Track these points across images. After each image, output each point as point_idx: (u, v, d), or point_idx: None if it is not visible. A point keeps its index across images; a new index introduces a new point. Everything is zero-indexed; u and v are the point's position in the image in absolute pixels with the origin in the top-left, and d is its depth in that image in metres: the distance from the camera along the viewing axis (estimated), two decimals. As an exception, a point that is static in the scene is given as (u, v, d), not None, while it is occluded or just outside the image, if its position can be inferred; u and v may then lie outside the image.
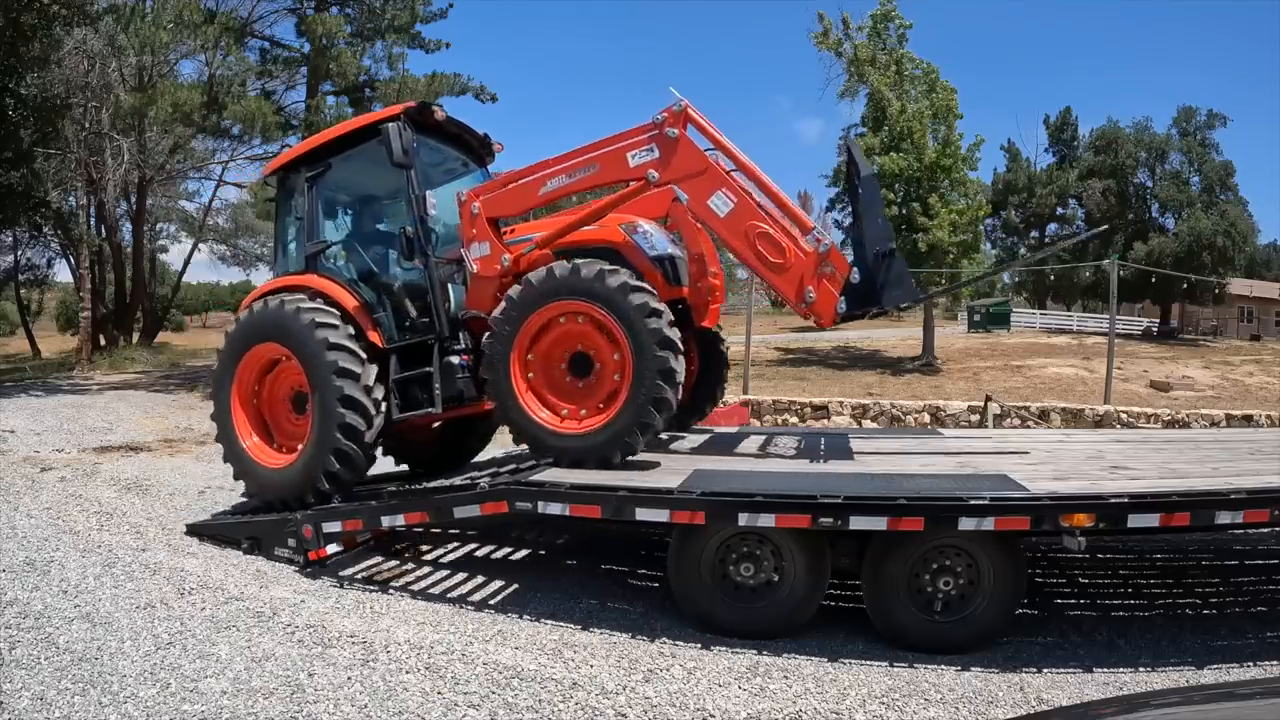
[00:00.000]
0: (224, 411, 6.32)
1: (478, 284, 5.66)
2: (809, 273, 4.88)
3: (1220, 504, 4.11)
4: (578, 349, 5.22)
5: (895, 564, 4.38)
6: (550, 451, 5.15)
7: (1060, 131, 45.62)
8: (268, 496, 6.08)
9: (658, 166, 5.08)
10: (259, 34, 18.89)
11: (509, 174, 5.72)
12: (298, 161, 6.54)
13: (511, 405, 5.20)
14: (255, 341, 6.16)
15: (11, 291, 34.07)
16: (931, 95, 22.79)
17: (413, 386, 5.95)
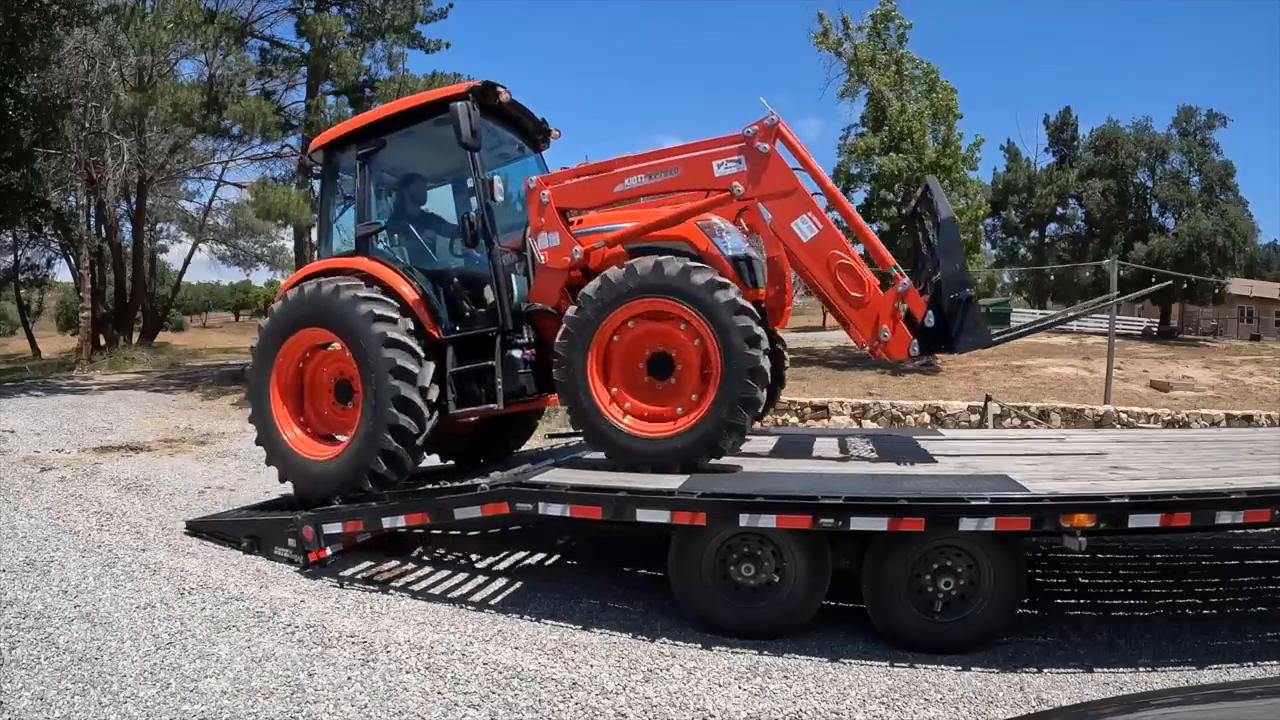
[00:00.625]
0: (262, 401, 6.06)
1: (544, 276, 5.44)
2: (885, 311, 4.87)
3: (1221, 504, 4.11)
4: (658, 349, 5.04)
5: (896, 564, 4.38)
6: (631, 455, 4.95)
7: (1060, 131, 45.63)
8: (308, 489, 5.87)
9: (744, 180, 4.95)
10: (259, 34, 18.91)
11: (582, 166, 5.56)
12: (349, 138, 6.24)
13: (588, 407, 5.00)
14: (300, 326, 5.89)
15: (11, 291, 34.07)
16: (931, 95, 22.80)
17: (470, 381, 5.73)
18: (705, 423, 4.81)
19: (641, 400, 5.08)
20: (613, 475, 5.04)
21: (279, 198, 16.67)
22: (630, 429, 4.98)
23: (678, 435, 4.87)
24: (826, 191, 5.20)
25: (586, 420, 5.04)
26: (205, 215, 32.78)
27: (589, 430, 5.06)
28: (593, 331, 4.97)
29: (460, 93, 5.65)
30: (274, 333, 6.01)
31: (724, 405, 4.74)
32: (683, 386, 5.01)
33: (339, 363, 5.95)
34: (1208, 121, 39.80)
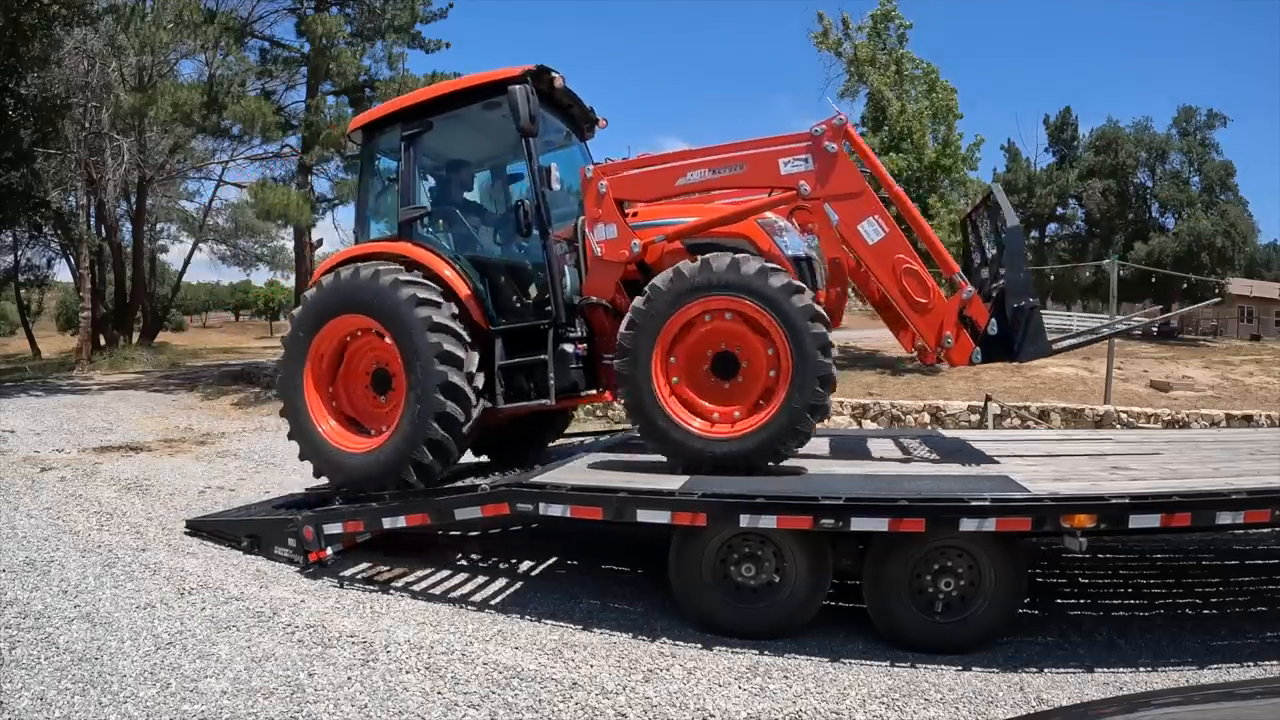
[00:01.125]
0: (295, 391, 5.83)
1: (600, 269, 5.31)
2: (950, 317, 4.86)
3: (1221, 504, 4.11)
4: (723, 348, 4.93)
5: (896, 565, 4.38)
6: (689, 454, 4.84)
7: (1060, 131, 45.65)
8: (346, 484, 5.70)
9: (810, 180, 4.88)
10: (259, 34, 18.92)
11: (642, 157, 5.45)
12: (393, 118, 6.03)
13: (651, 405, 4.86)
14: (338, 313, 5.68)
15: (11, 291, 34.07)
16: (931, 95, 22.79)
17: (519, 374, 5.56)
18: (771, 426, 4.71)
19: (704, 399, 4.97)
20: (613, 476, 5.03)
21: (279, 198, 16.67)
22: (692, 427, 4.87)
23: (743, 437, 4.77)
24: (893, 195, 5.15)
25: (646, 416, 4.89)
26: (205, 215, 32.80)
27: (647, 426, 4.92)
28: (660, 325, 4.84)
29: (517, 75, 5.49)
30: (308, 320, 5.79)
31: (792, 410, 4.67)
32: (748, 388, 4.90)
33: (376, 351, 5.77)
34: (1208, 121, 39.84)
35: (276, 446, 10.81)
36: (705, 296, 4.79)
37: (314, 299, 5.80)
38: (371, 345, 5.76)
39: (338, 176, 18.89)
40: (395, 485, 5.44)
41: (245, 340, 42.27)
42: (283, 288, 46.22)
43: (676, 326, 4.87)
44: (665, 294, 4.83)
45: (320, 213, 19.22)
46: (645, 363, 4.86)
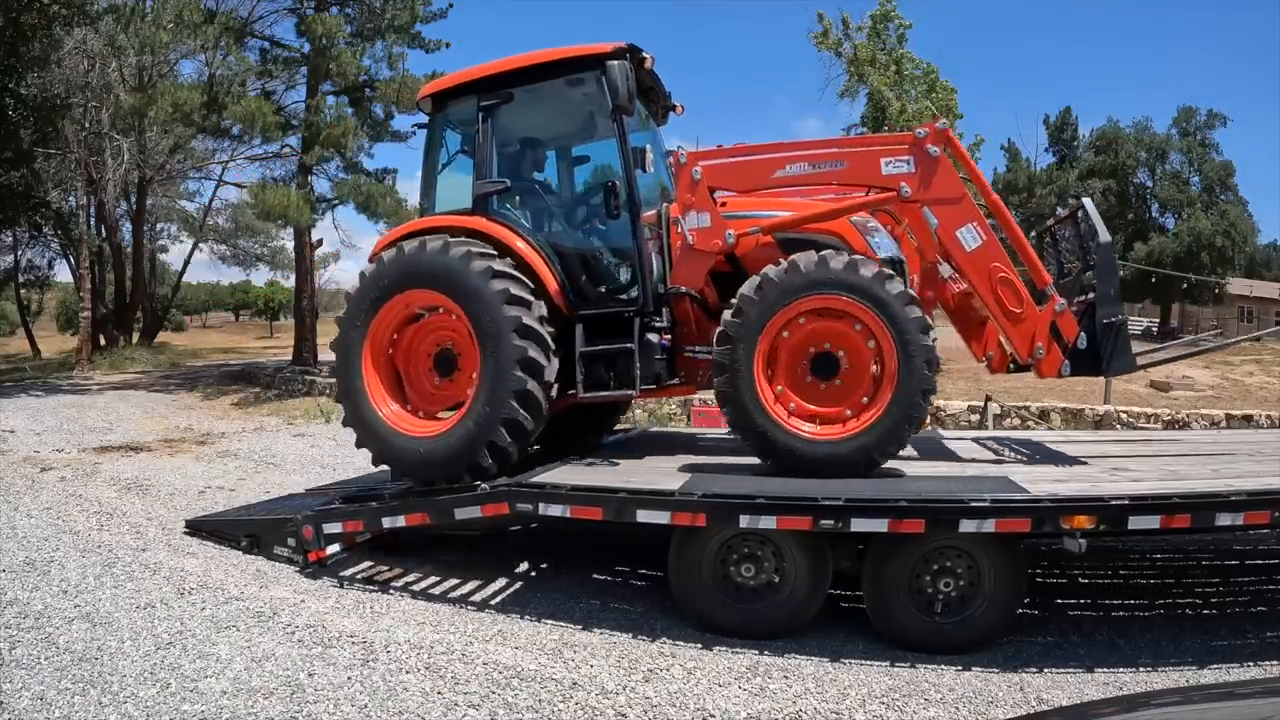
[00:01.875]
0: (352, 376, 5.51)
1: (690, 258, 5.18)
2: (1042, 329, 4.86)
3: (1221, 506, 4.11)
4: (824, 348, 4.82)
5: (896, 565, 4.38)
6: (794, 458, 4.71)
7: (1060, 131, 45.65)
8: (409, 472, 5.42)
9: (912, 182, 4.84)
10: (259, 34, 18.87)
11: (738, 146, 5.34)
12: (470, 87, 5.72)
13: (752, 405, 4.72)
14: (403, 288, 5.37)
15: (11, 291, 34.07)
16: (931, 95, 22.77)
17: (598, 363, 5.32)
18: (879, 426, 4.64)
19: (806, 401, 4.85)
20: (613, 476, 5.03)
21: (279, 198, 16.65)
22: (797, 430, 4.75)
23: (851, 438, 4.68)
24: (990, 203, 5.12)
25: (748, 418, 4.75)
26: (205, 215, 32.82)
27: (748, 429, 4.78)
28: (765, 322, 4.70)
29: (611, 51, 5.30)
30: (369, 297, 5.46)
31: (899, 409, 4.61)
32: (852, 388, 4.80)
33: (440, 331, 5.52)
34: (1208, 121, 39.86)
35: (276, 446, 10.82)
36: (813, 295, 4.68)
37: (375, 274, 5.48)
38: (438, 324, 5.51)
39: (338, 176, 18.86)
40: (468, 470, 5.15)
41: (245, 340, 42.27)
42: (283, 288, 46.18)
43: (780, 325, 4.76)
44: (782, 287, 4.68)
45: (320, 213, 19.17)
46: (749, 362, 4.71)
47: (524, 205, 5.86)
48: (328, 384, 15.77)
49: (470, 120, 5.82)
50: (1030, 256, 5.15)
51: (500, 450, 5.11)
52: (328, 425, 12.74)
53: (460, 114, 5.90)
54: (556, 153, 6.46)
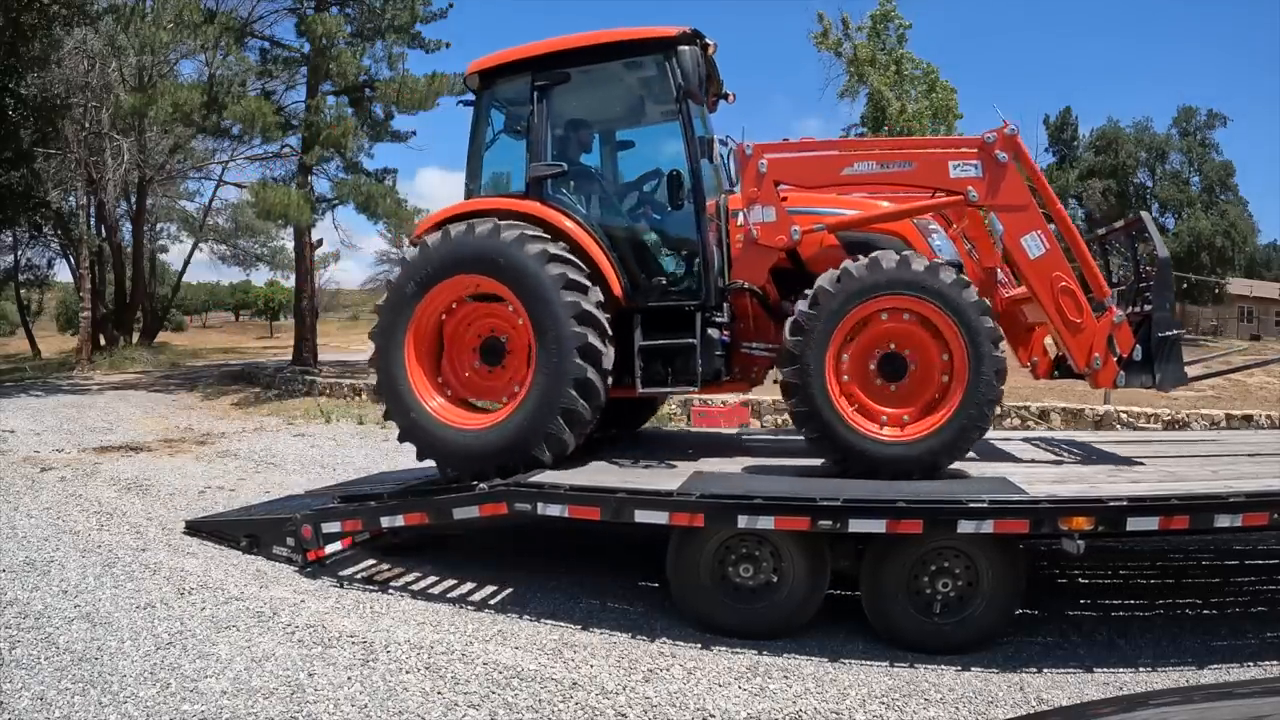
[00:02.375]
0: (395, 366, 5.29)
1: (753, 253, 5.11)
2: (1100, 340, 4.89)
3: (1219, 507, 4.12)
4: (892, 349, 4.80)
5: (894, 566, 4.38)
6: (866, 459, 4.67)
7: (1060, 131, 45.64)
8: (459, 466, 5.23)
9: (980, 187, 4.86)
10: (259, 34, 18.86)
11: (804, 140, 5.33)
12: (524, 65, 5.52)
13: (823, 406, 4.66)
14: (450, 273, 5.16)
15: (11, 291, 34.08)
16: (931, 95, 22.78)
17: (657, 358, 5.19)
18: (946, 430, 4.64)
19: (874, 401, 4.82)
20: (611, 476, 5.02)
21: (279, 198, 16.64)
22: (867, 431, 4.71)
23: (922, 439, 4.67)
24: (1055, 212, 5.13)
25: (814, 411, 4.68)
26: (205, 215, 32.84)
27: (812, 422, 4.71)
28: (837, 322, 4.66)
29: (677, 35, 5.17)
30: (412, 282, 5.25)
31: (965, 416, 4.60)
32: (918, 391, 4.79)
33: (487, 318, 5.34)
34: (1208, 121, 39.87)
35: (276, 446, 10.82)
36: (885, 294, 4.65)
37: (420, 259, 5.26)
38: (484, 311, 5.33)
39: (338, 176, 18.86)
40: (523, 462, 5.01)
41: (245, 340, 42.28)
42: (283, 288, 46.19)
43: (850, 325, 4.73)
44: (861, 282, 4.64)
45: (320, 213, 19.15)
46: (819, 362, 4.66)
47: (578, 190, 5.68)
48: (328, 384, 15.77)
49: (519, 100, 5.69)
50: (1092, 267, 5.17)
51: (557, 441, 4.98)
52: (328, 425, 12.74)
53: (509, 93, 5.75)
54: (609, 138, 6.31)
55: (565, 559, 5.96)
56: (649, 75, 5.38)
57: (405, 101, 17.52)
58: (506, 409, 5.16)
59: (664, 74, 5.23)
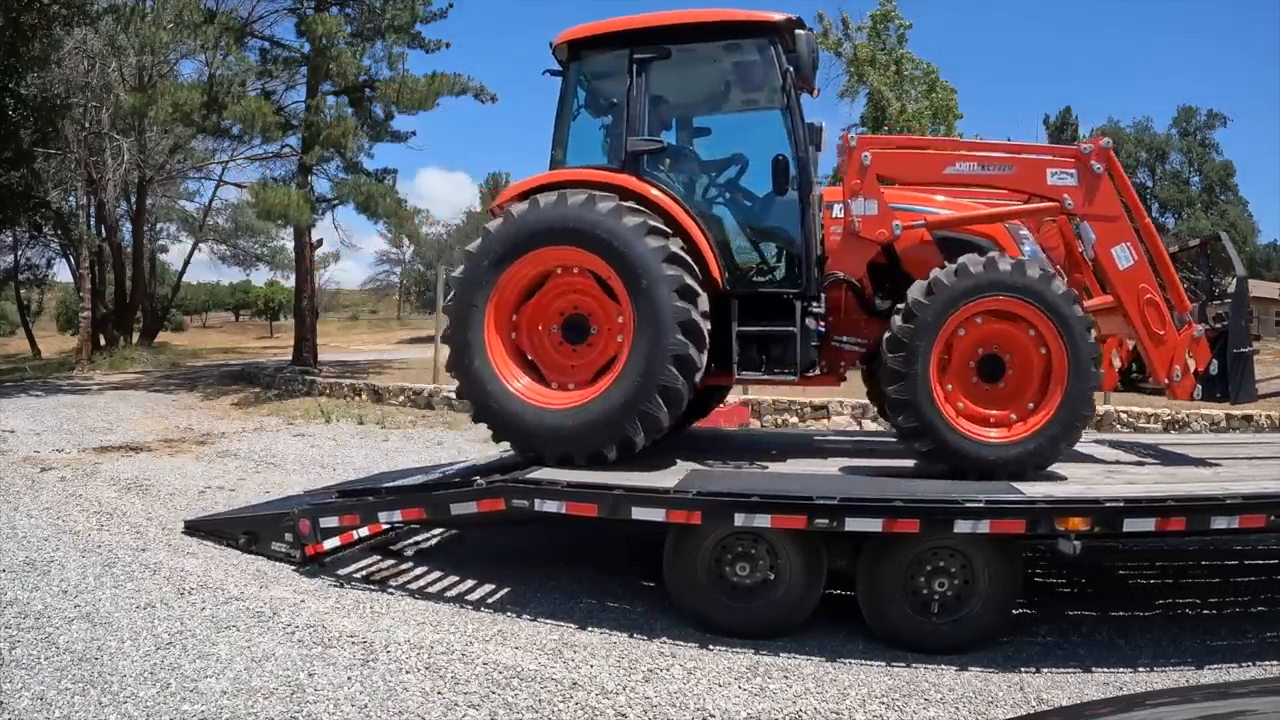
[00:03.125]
0: (471, 338, 5.07)
1: (853, 245, 5.11)
2: (1180, 353, 4.94)
3: (1216, 509, 4.13)
4: (992, 349, 4.81)
5: (890, 565, 4.38)
6: (962, 459, 4.69)
7: (1060, 131, 45.68)
8: (541, 448, 5.05)
9: (1076, 195, 4.96)
10: (259, 34, 18.84)
11: (907, 137, 5.48)
12: (621, 38, 5.39)
13: (926, 407, 4.65)
14: (538, 245, 4.98)
15: (11, 291, 34.09)
16: (931, 95, 22.80)
17: (752, 345, 5.11)
18: (1048, 431, 4.66)
19: (973, 402, 4.82)
20: (610, 473, 5.00)
21: (279, 198, 16.63)
22: (967, 432, 4.71)
23: (1019, 442, 4.68)
24: (1142, 226, 5.17)
25: (923, 418, 4.67)
26: (205, 215, 32.86)
27: (918, 427, 4.70)
28: (941, 321, 4.65)
29: (782, 20, 5.13)
30: (496, 254, 5.05)
31: (1066, 414, 4.64)
32: (1019, 391, 4.80)
33: (571, 294, 5.18)
34: (1208, 121, 40.00)
35: (276, 446, 10.82)
36: (987, 296, 4.67)
37: (504, 229, 5.07)
38: (568, 285, 5.17)
39: (338, 176, 18.85)
40: (613, 442, 4.87)
41: (245, 340, 42.27)
42: (283, 288, 46.22)
43: (954, 325, 4.72)
44: (978, 281, 4.65)
45: (320, 213, 19.14)
46: (925, 363, 4.66)
47: (674, 169, 5.61)
48: (328, 384, 15.78)
49: (608, 73, 5.64)
50: (1175, 281, 5.22)
51: (652, 421, 4.83)
52: (328, 425, 12.74)
53: (600, 66, 5.66)
54: (705, 119, 6.25)
55: (565, 559, 5.97)
56: (754, 58, 5.32)
57: (405, 101, 17.50)
58: (598, 387, 4.97)
59: (771, 58, 5.19)
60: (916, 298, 4.69)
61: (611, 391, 4.87)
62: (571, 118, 5.68)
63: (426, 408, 13.80)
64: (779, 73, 5.19)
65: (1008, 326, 4.78)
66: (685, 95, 5.95)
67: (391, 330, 41.30)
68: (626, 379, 4.84)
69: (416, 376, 16.16)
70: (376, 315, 55.51)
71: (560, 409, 5.00)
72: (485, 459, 7.24)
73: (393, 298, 54.18)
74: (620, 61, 5.44)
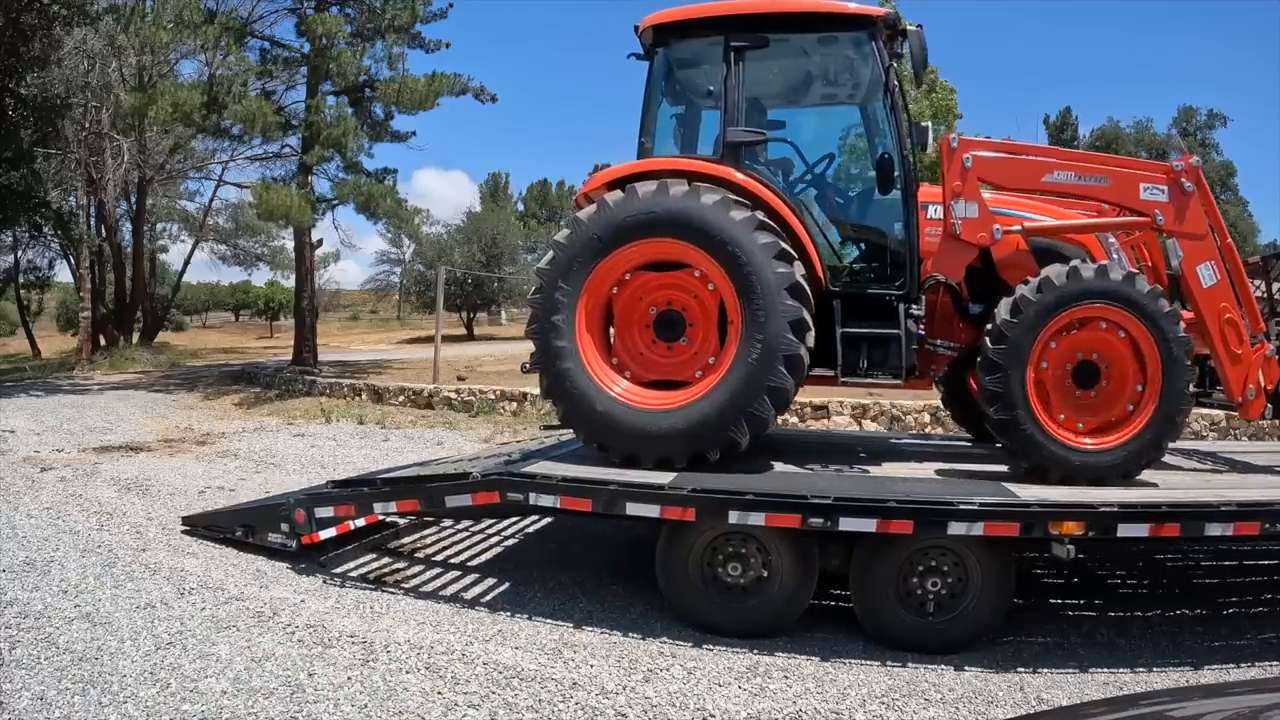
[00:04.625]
0: (559, 336, 4.88)
1: (953, 248, 5.08)
2: (1253, 372, 4.99)
3: (1210, 516, 4.14)
4: (1087, 357, 4.82)
5: (883, 565, 4.38)
6: (1064, 466, 4.68)
7: (1060, 131, 45.63)
8: (640, 450, 4.84)
9: (1167, 212, 5.01)
10: (259, 34, 18.83)
11: (1007, 142, 5.39)
12: (717, 24, 5.22)
13: (1022, 413, 4.64)
14: (636, 237, 4.80)
15: (11, 292, 34.08)
16: (931, 95, 22.76)
17: (855, 347, 5.02)
18: (1143, 436, 4.68)
19: (1070, 409, 4.84)
20: (605, 469, 4.98)
21: (279, 198, 16.63)
22: (1065, 439, 4.72)
23: (1119, 447, 4.69)
24: (1224, 244, 5.21)
25: (1019, 425, 4.65)
26: (205, 215, 32.83)
27: (1018, 436, 4.68)
28: (1040, 327, 4.67)
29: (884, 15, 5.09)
30: (588, 246, 4.84)
31: (1161, 420, 4.66)
32: (1115, 397, 4.82)
33: (661, 289, 5.00)
34: (1208, 121, 39.98)
35: (276, 446, 10.82)
36: (1086, 304, 4.69)
37: (597, 220, 4.86)
38: (659, 280, 5.00)
39: (338, 177, 18.85)
40: (717, 445, 4.73)
41: (245, 340, 42.25)
42: (283, 288, 46.21)
43: (1052, 332, 4.74)
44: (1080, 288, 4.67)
45: (320, 213, 19.14)
46: (1022, 368, 4.64)
47: (772, 163, 5.49)
48: (328, 384, 15.77)
49: (695, 60, 5.54)
50: (1251, 301, 5.29)
51: (760, 423, 4.71)
52: (328, 425, 12.74)
53: (689, 52, 5.53)
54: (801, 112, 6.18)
55: (565, 559, 5.97)
56: (853, 52, 5.27)
57: (405, 102, 17.50)
58: (701, 386, 4.82)
59: (870, 52, 5.14)
60: (1025, 294, 4.68)
61: (717, 391, 4.72)
62: (658, 105, 5.55)
63: (426, 408, 13.80)
64: (880, 68, 5.12)
65: (1104, 334, 4.79)
66: (779, 86, 5.83)
67: (392, 330, 41.28)
68: (733, 379, 4.68)
69: (416, 376, 16.16)
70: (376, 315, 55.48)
71: (660, 409, 4.82)
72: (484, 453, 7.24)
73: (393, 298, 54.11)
74: (710, 49, 5.32)
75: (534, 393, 13.13)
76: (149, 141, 23.45)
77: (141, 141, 22.87)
